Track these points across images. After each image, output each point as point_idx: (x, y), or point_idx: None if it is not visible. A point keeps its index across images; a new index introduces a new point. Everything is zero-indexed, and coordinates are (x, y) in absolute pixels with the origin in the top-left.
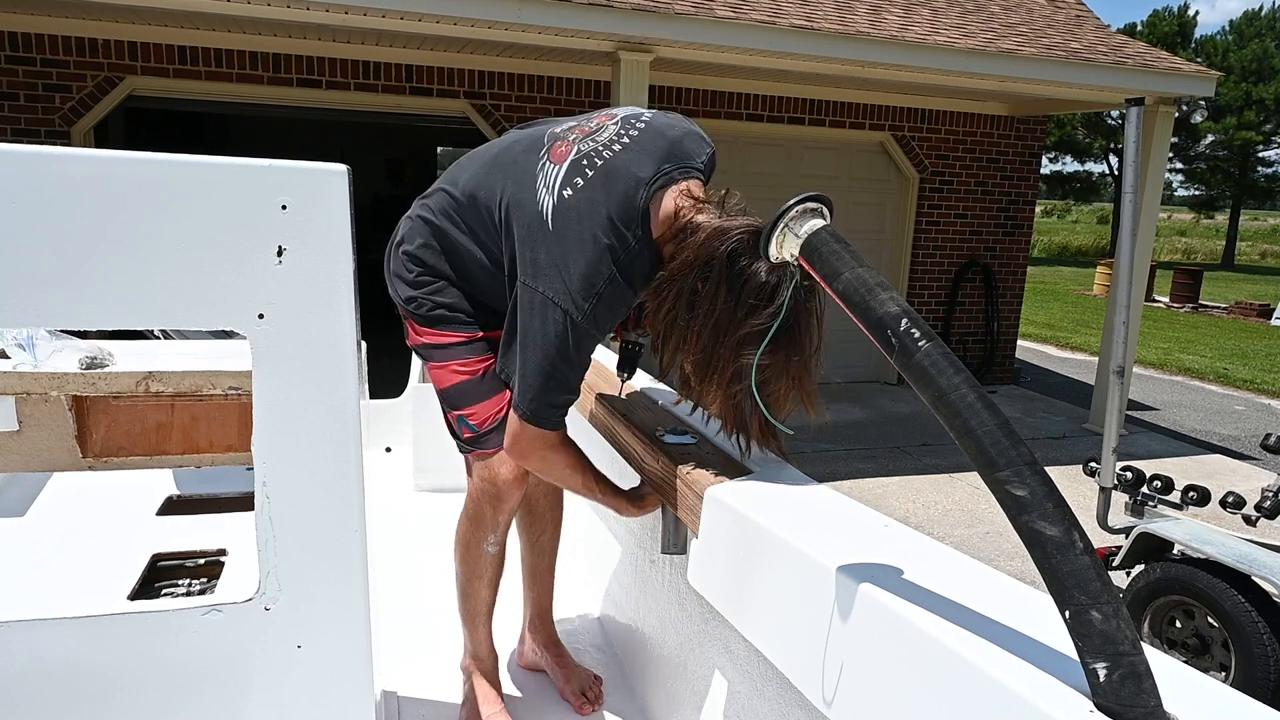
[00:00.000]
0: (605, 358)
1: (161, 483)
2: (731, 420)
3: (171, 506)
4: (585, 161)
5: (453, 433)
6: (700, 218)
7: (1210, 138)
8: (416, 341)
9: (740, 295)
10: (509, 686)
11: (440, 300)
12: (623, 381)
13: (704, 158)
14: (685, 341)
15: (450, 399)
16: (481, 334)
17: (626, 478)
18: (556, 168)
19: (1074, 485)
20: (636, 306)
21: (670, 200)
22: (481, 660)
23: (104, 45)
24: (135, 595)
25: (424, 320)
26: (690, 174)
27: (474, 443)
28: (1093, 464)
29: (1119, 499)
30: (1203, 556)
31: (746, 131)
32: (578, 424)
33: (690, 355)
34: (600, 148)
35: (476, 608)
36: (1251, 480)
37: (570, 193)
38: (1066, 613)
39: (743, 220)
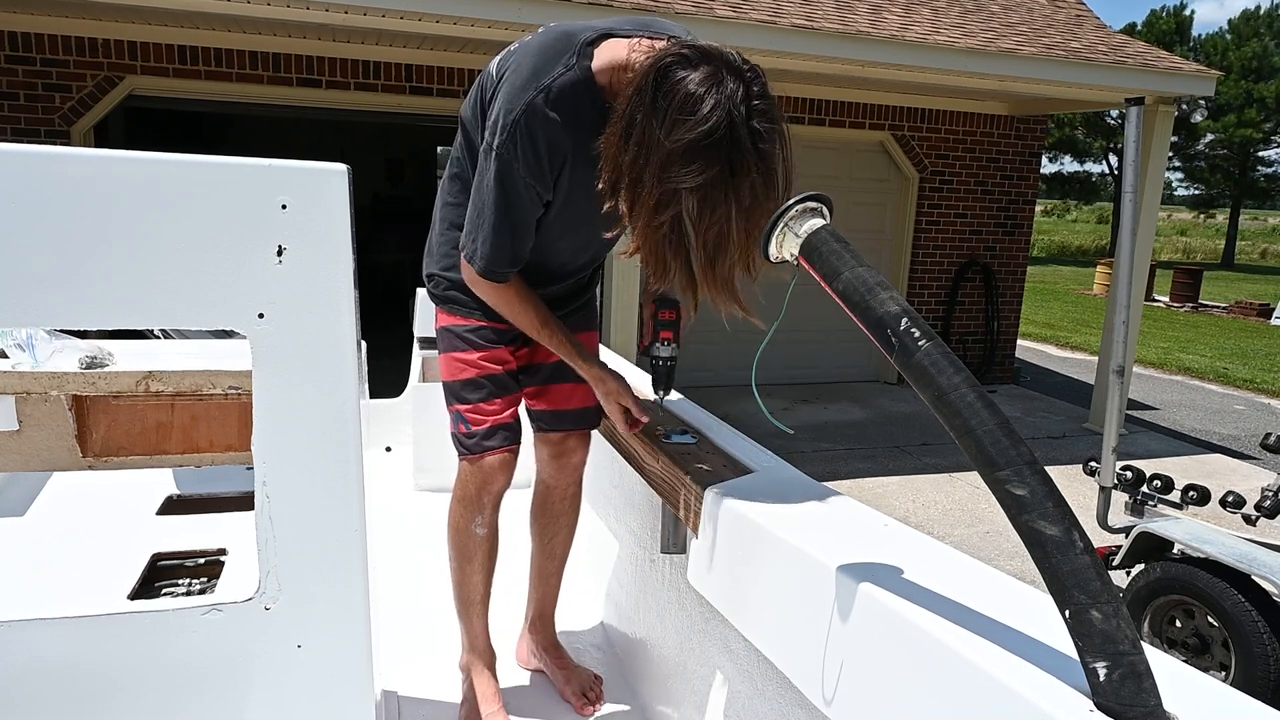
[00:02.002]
0: (606, 358)
1: (161, 482)
2: (655, 260)
3: (171, 506)
4: (542, 28)
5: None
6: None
7: (1210, 136)
8: (436, 326)
9: (666, 111)
10: (509, 686)
11: (453, 278)
12: (660, 399)
13: (686, 34)
14: (622, 177)
15: (448, 391)
16: (484, 322)
17: (626, 477)
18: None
19: (1074, 485)
20: (652, 319)
21: (623, 47)
22: (480, 656)
23: (104, 45)
24: (135, 595)
25: (439, 300)
26: (659, 37)
27: (462, 442)
28: (1093, 463)
29: (1119, 498)
30: (1203, 556)
31: None
32: None
33: (625, 190)
34: None
35: (470, 595)
36: (1251, 480)
37: (516, 44)
38: (1066, 612)
39: (691, 42)
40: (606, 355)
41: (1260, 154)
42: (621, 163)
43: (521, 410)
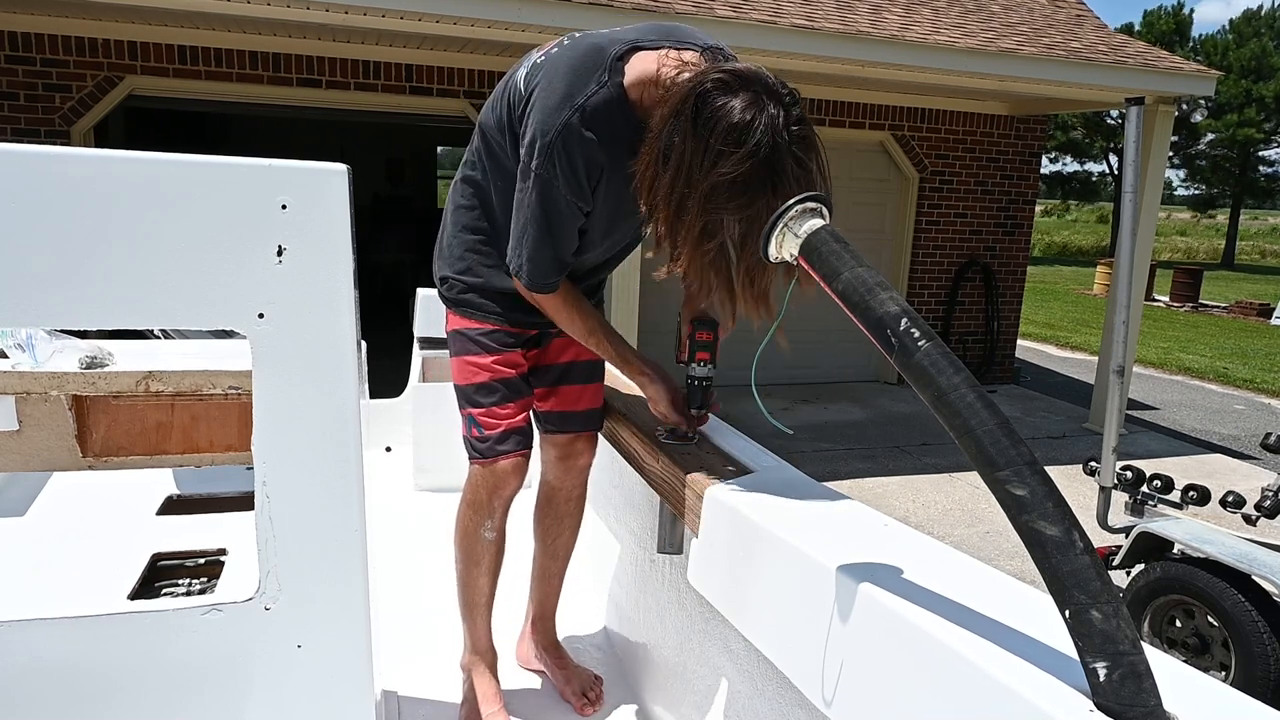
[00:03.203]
0: None
1: (161, 482)
2: (706, 285)
3: (171, 506)
4: (566, 38)
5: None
6: (684, 76)
7: (1210, 136)
8: (447, 329)
9: (709, 140)
10: (509, 686)
11: (469, 281)
12: (693, 418)
13: (708, 40)
14: (659, 201)
15: (461, 395)
16: (498, 325)
17: (626, 477)
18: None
19: (1074, 485)
20: (689, 339)
21: (652, 60)
22: (481, 656)
23: (104, 45)
24: (135, 595)
25: (452, 304)
26: (685, 47)
27: (475, 446)
28: (1093, 463)
29: (1119, 498)
30: (1203, 556)
31: None
32: None
33: (663, 214)
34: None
35: (475, 599)
36: (1251, 480)
37: (542, 55)
38: (1066, 612)
39: (728, 65)
40: None
41: (1260, 153)
42: (659, 186)
43: None
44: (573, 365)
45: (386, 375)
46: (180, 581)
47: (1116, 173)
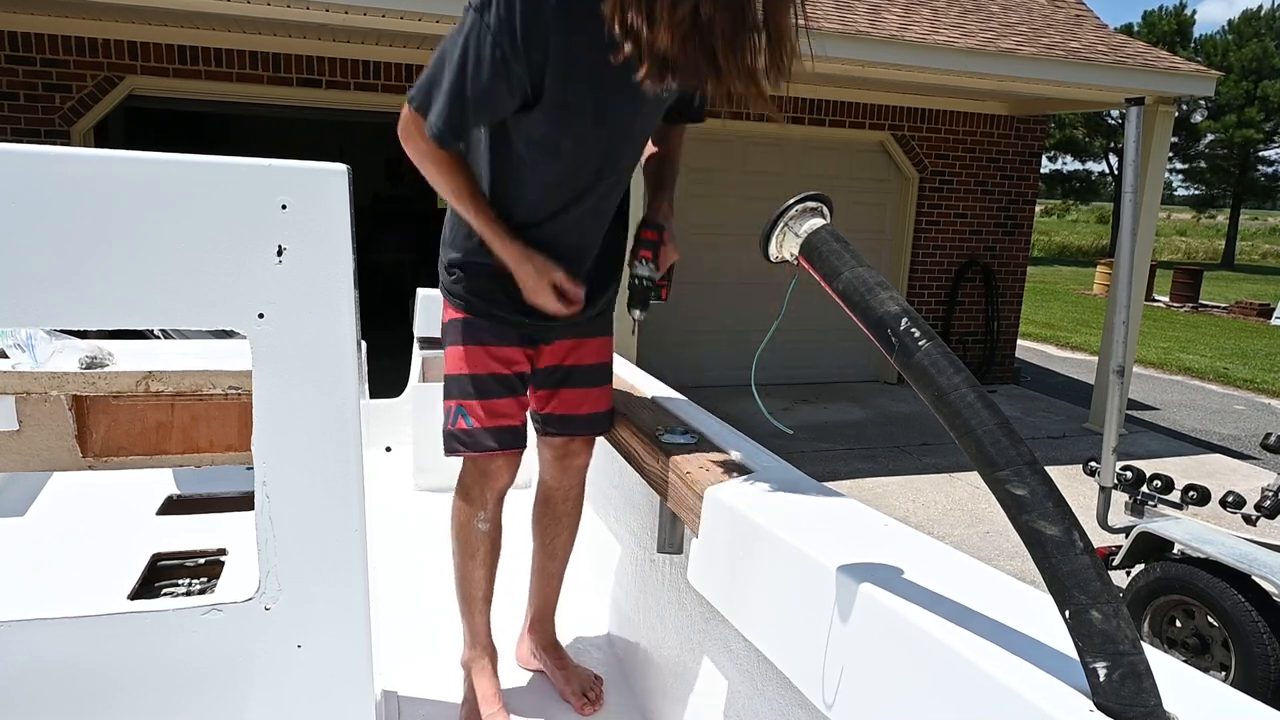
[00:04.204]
0: None
1: (161, 483)
2: (682, 60)
3: (171, 506)
4: None
5: None
6: None
7: (1210, 136)
8: (443, 319)
9: None
10: (509, 686)
11: (451, 258)
12: (635, 320)
13: None
14: (628, 8)
15: (452, 385)
16: (494, 319)
17: (626, 477)
18: None
19: (1074, 485)
20: (635, 239)
21: None
22: (481, 652)
23: (104, 45)
24: (135, 595)
25: (449, 293)
26: None
27: (460, 439)
28: (1093, 463)
29: (1119, 498)
30: (1203, 556)
31: (746, 131)
32: None
33: (635, 15)
34: None
35: (472, 592)
36: (1251, 480)
37: None
38: (1066, 612)
39: None
40: (615, 359)
41: (1261, 154)
42: None
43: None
44: (575, 369)
45: (386, 375)
46: (180, 581)
47: (1116, 173)
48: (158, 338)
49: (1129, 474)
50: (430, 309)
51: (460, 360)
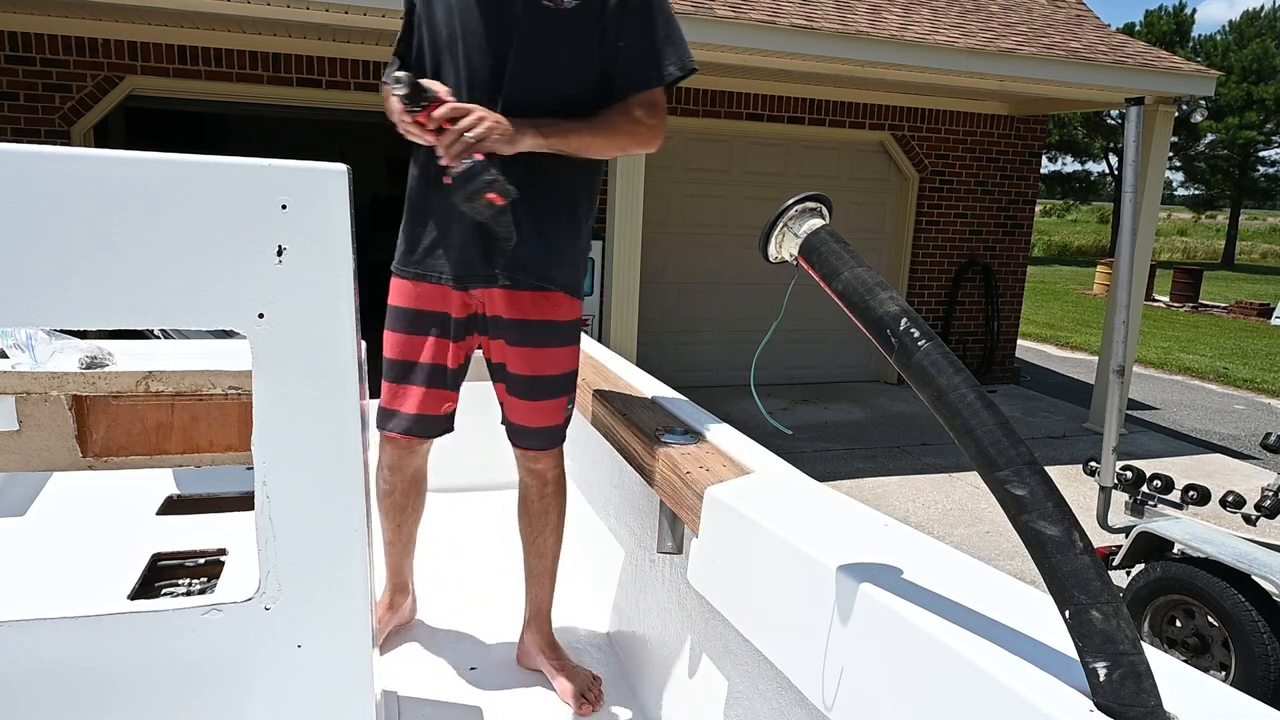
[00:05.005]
0: (606, 357)
1: (161, 483)
2: None
3: (171, 506)
4: None
5: None
6: None
7: (1210, 137)
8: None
9: None
10: (509, 686)
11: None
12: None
13: None
14: None
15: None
16: (407, 305)
17: (626, 477)
18: None
19: (1074, 485)
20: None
21: None
22: (387, 586)
23: (104, 45)
24: (135, 595)
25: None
26: None
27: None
28: (1093, 463)
29: (1119, 498)
30: (1203, 556)
31: (746, 131)
32: (579, 424)
33: None
34: None
35: (382, 536)
36: (1251, 480)
37: None
38: (1066, 612)
39: None
40: (609, 355)
41: (1260, 154)
42: None
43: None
44: (511, 377)
45: None
46: (180, 581)
47: (1116, 173)
48: (158, 338)
49: (1129, 474)
50: None
51: (385, 340)
